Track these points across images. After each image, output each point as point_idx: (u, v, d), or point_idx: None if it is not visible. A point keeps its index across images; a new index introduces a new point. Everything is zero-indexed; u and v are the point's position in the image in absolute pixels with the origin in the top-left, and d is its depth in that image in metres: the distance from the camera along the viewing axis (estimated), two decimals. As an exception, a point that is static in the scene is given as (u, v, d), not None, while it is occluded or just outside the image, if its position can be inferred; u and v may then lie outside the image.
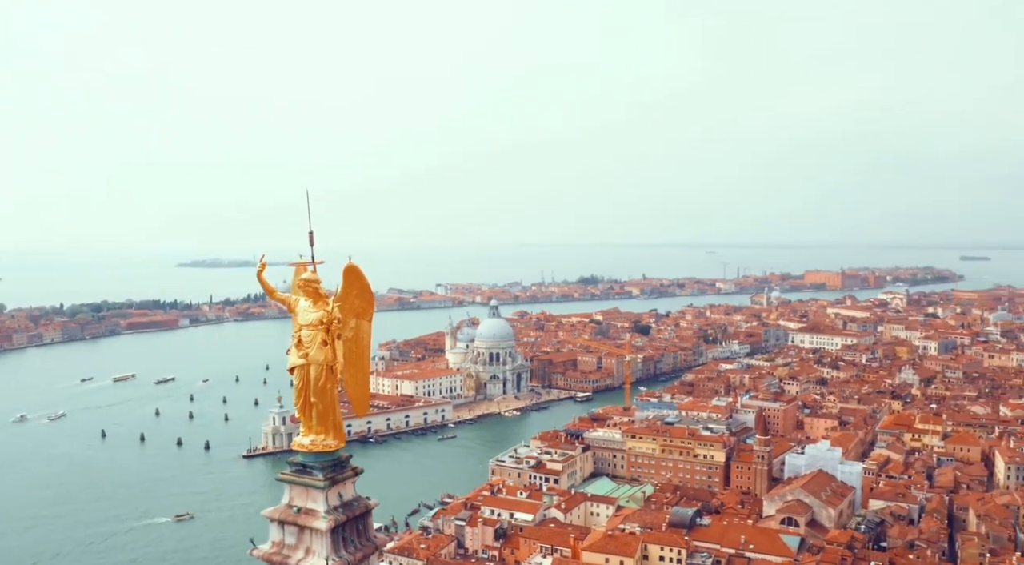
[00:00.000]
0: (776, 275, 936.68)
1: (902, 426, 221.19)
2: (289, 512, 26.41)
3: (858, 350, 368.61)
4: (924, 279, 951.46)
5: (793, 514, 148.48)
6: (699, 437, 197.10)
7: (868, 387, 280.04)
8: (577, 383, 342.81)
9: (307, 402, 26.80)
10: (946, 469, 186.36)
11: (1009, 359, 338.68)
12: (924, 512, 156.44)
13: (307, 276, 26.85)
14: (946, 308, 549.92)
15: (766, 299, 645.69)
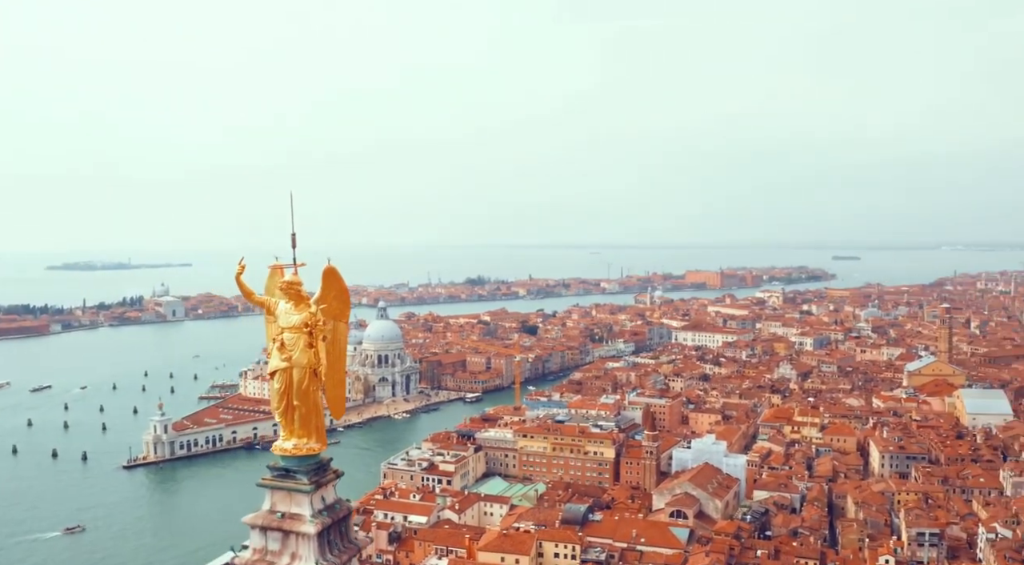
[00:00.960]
0: (658, 275, 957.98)
1: (782, 419, 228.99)
2: (273, 518, 26.02)
3: (738, 347, 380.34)
4: (799, 278, 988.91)
5: (682, 507, 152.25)
6: (589, 435, 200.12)
7: (749, 382, 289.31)
8: (467, 384, 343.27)
9: (289, 405, 26.51)
10: (824, 459, 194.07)
11: (880, 353, 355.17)
12: (805, 501, 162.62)
13: (290, 278, 26.58)
14: (820, 305, 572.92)
15: (649, 298, 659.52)
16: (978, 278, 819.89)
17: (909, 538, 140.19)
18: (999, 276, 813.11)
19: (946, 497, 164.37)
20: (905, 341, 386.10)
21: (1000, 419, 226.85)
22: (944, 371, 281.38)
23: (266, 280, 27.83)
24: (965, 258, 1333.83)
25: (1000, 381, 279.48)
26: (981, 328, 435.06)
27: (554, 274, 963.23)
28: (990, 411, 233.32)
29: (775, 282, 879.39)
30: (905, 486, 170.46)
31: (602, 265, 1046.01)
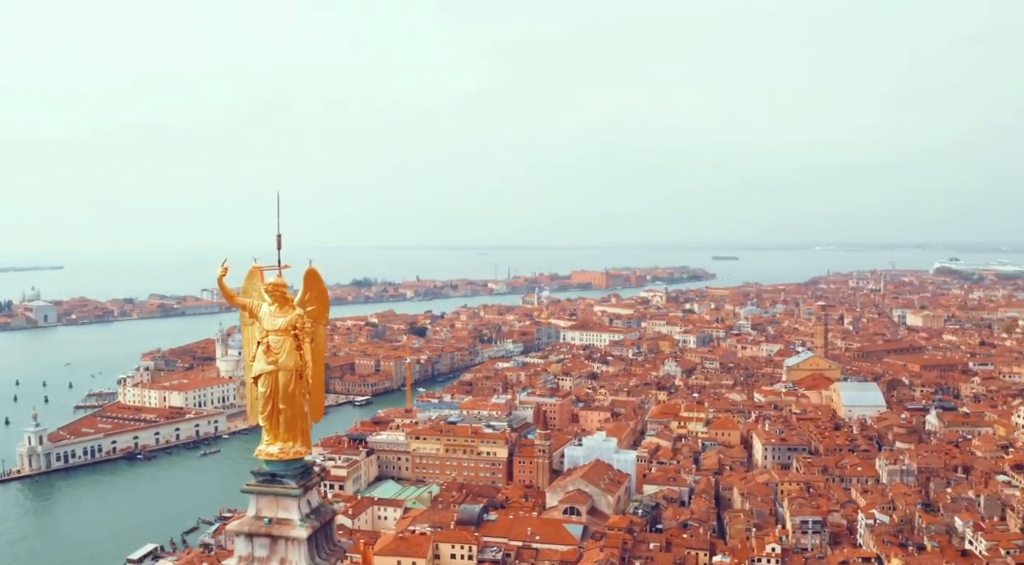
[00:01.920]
0: (545, 276, 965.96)
1: (669, 415, 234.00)
2: (259, 524, 25.32)
3: (625, 345, 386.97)
4: (681, 278, 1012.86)
5: (575, 503, 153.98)
6: (482, 435, 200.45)
7: (636, 380, 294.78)
8: (356, 387, 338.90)
9: (275, 409, 25.99)
10: (710, 453, 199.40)
11: (759, 350, 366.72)
12: (694, 494, 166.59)
13: (275, 280, 26.12)
14: (702, 304, 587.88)
15: (537, 299, 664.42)
16: (849, 277, 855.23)
17: (793, 526, 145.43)
18: (869, 275, 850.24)
19: (826, 486, 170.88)
20: (783, 337, 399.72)
21: (874, 411, 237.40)
22: (821, 366, 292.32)
23: (243, 282, 27.20)
24: (837, 258, 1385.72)
25: (873, 374, 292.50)
26: (854, 324, 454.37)
27: (442, 275, 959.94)
28: (864, 403, 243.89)
29: (658, 282, 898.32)
30: (787, 476, 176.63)
31: (489, 266, 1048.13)
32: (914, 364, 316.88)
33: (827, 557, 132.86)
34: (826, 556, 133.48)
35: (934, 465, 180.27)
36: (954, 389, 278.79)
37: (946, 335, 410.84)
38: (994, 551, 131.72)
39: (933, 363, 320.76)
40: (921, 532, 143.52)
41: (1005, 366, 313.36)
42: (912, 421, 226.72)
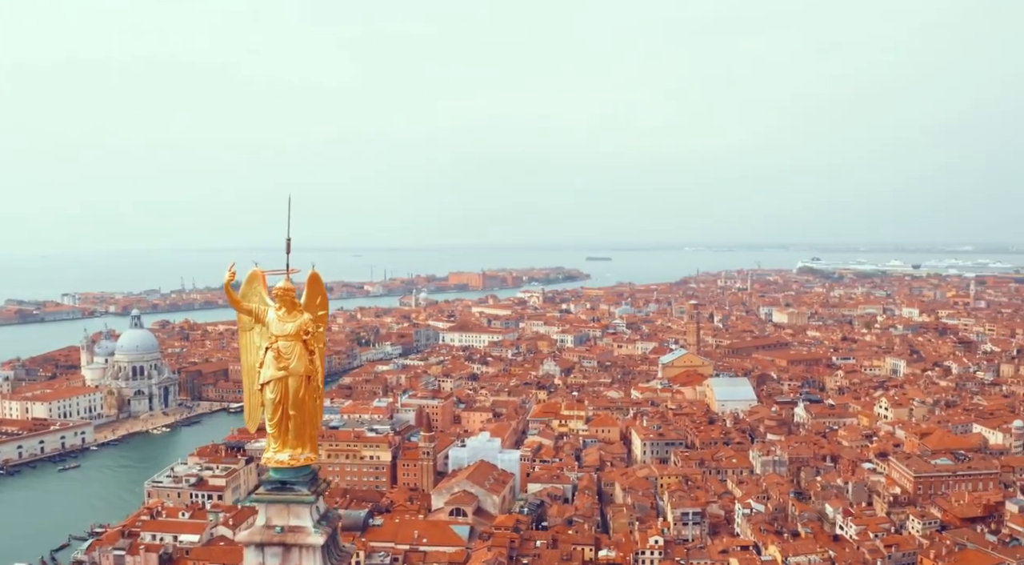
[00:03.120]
0: (422, 277, 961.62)
1: (550, 414, 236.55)
2: (271, 533, 24.78)
3: (504, 346, 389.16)
4: (556, 278, 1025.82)
5: (461, 505, 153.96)
6: (364, 439, 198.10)
7: (516, 380, 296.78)
8: (230, 393, 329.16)
9: (285, 415, 25.45)
10: (592, 450, 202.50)
11: (635, 348, 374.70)
12: (577, 490, 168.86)
13: (285, 285, 25.70)
14: (577, 304, 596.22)
15: (414, 300, 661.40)
16: (718, 276, 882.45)
17: (674, 518, 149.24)
18: (736, 274, 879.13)
19: (704, 478, 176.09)
20: (657, 336, 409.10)
21: (746, 404, 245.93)
22: (694, 362, 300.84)
23: (243, 287, 26.70)
24: (706, 258, 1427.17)
25: (743, 370, 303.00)
26: (723, 322, 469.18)
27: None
28: (736, 398, 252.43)
29: (534, 282, 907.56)
30: (666, 470, 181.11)
31: (365, 267, 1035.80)
32: (781, 359, 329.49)
33: (707, 547, 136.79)
34: (706, 546, 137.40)
35: (804, 455, 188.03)
36: (819, 382, 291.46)
37: (810, 331, 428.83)
38: (863, 535, 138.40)
39: (799, 358, 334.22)
40: (794, 519, 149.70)
41: (866, 360, 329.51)
42: (782, 414, 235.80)
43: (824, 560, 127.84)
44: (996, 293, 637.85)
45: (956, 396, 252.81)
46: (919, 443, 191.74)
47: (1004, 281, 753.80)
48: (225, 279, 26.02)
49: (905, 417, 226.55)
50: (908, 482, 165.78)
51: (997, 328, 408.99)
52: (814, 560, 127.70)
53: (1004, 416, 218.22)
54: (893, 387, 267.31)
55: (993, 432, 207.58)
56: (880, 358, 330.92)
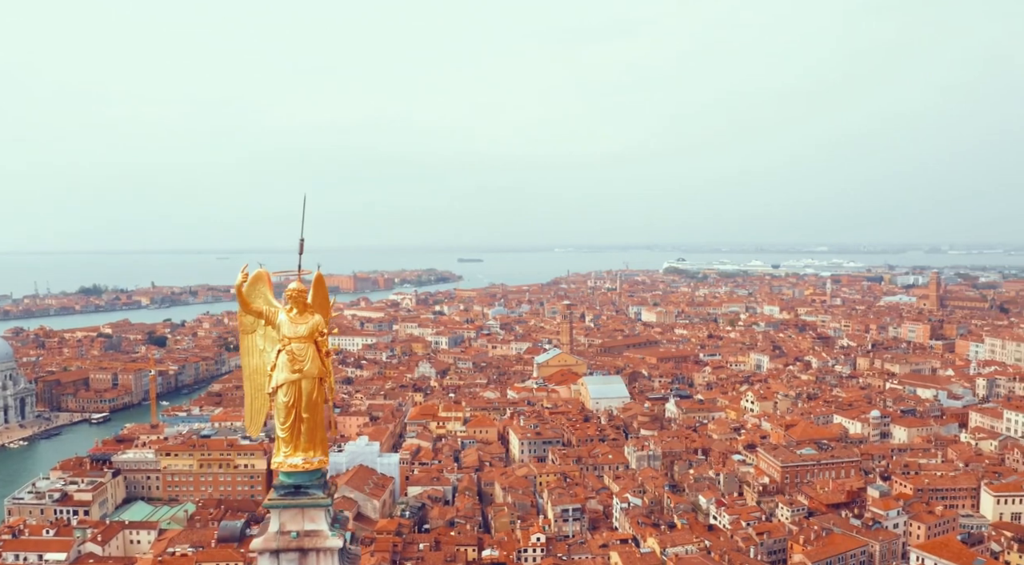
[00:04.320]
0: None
1: (427, 416, 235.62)
2: (287, 539, 24.15)
3: (378, 349, 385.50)
4: (428, 280, 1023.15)
5: (340, 510, 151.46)
6: (238, 447, 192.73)
7: (391, 383, 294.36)
8: (92, 403, 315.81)
9: (298, 418, 24.92)
10: (470, 450, 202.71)
11: (509, 348, 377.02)
12: (457, 491, 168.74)
13: (299, 286, 25.31)
14: (451, 305, 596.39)
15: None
16: (588, 277, 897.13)
17: (555, 515, 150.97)
18: (606, 275, 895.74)
19: (581, 475, 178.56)
20: (531, 336, 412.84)
21: (619, 402, 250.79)
22: (568, 361, 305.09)
23: (247, 287, 26.15)
24: (576, 259, 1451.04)
25: (615, 368, 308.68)
26: (595, 321, 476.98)
27: (179, 281, 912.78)
28: (610, 395, 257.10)
29: (407, 284, 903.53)
30: (545, 468, 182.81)
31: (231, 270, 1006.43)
32: (651, 357, 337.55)
33: (588, 542, 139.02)
34: (587, 541, 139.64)
35: (676, 449, 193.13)
36: (688, 378, 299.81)
37: (678, 329, 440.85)
38: (736, 524, 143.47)
39: (668, 355, 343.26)
40: (670, 511, 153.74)
41: (731, 356, 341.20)
42: (654, 410, 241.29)
43: (700, 550, 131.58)
44: (850, 291, 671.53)
45: (817, 389, 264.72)
46: (784, 434, 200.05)
47: (857, 279, 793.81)
48: (237, 281, 25.72)
49: (770, 410, 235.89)
50: (776, 472, 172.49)
51: (852, 324, 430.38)
52: (691, 550, 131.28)
53: (862, 407, 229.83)
54: (758, 381, 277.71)
55: (852, 422, 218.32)
56: (744, 354, 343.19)
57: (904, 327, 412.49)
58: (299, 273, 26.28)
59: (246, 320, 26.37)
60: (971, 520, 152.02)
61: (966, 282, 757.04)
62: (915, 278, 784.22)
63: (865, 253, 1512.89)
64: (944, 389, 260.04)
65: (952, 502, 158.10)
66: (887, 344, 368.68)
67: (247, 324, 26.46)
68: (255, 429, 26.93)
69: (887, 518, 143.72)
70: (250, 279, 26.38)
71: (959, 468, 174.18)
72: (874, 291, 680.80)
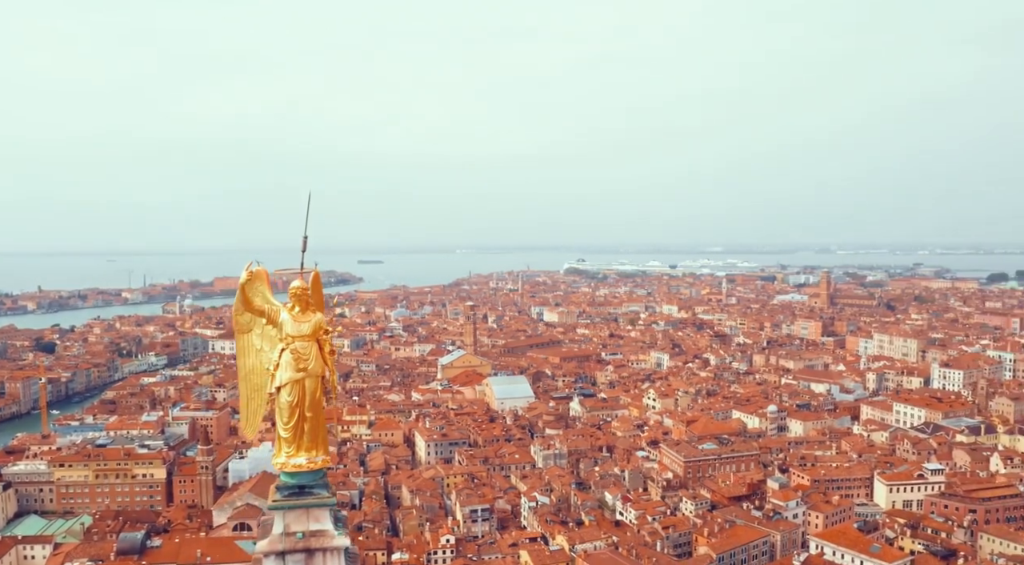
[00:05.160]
0: (185, 283, 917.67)
1: (331, 420, 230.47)
2: (293, 540, 23.69)
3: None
4: (328, 281, 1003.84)
5: (245, 519, 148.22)
6: (136, 456, 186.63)
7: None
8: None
9: (302, 417, 24.54)
10: (376, 454, 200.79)
11: (413, 350, 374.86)
12: (364, 495, 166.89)
13: (303, 284, 25.10)
14: (352, 308, 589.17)
15: (179, 307, 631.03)
16: (490, 278, 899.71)
17: (463, 516, 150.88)
18: (507, 275, 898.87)
19: (489, 475, 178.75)
20: (434, 337, 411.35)
21: (524, 401, 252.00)
22: (472, 362, 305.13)
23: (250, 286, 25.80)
24: (477, 260, 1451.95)
25: (519, 368, 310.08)
26: (498, 322, 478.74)
27: (67, 285, 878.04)
28: (515, 395, 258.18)
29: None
30: (452, 470, 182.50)
31: (121, 273, 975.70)
32: (554, 357, 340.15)
33: (497, 542, 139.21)
34: (496, 541, 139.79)
35: (582, 447, 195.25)
36: (591, 377, 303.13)
37: (579, 329, 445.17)
38: (642, 519, 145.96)
39: (571, 355, 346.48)
40: (577, 509, 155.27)
41: (632, 355, 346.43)
42: (558, 409, 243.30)
43: (608, 545, 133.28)
44: (745, 290, 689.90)
45: (715, 385, 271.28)
46: (686, 430, 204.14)
47: (751, 279, 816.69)
48: (243, 279, 25.32)
49: (672, 407, 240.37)
50: (679, 467, 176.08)
51: (747, 322, 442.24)
52: (599, 546, 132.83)
53: (759, 402, 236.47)
54: (659, 379, 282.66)
55: (750, 417, 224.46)
56: (645, 353, 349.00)
57: (797, 324, 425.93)
58: (301, 271, 25.77)
59: (242, 319, 25.85)
60: (866, 508, 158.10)
61: (854, 281, 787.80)
62: (806, 277, 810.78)
63: (758, 253, 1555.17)
64: (836, 384, 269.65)
65: (847, 492, 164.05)
66: (781, 341, 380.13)
67: (243, 323, 25.99)
68: (251, 430, 26.66)
69: (787, 509, 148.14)
70: (250, 276, 25.87)
71: (853, 459, 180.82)
72: (768, 290, 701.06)
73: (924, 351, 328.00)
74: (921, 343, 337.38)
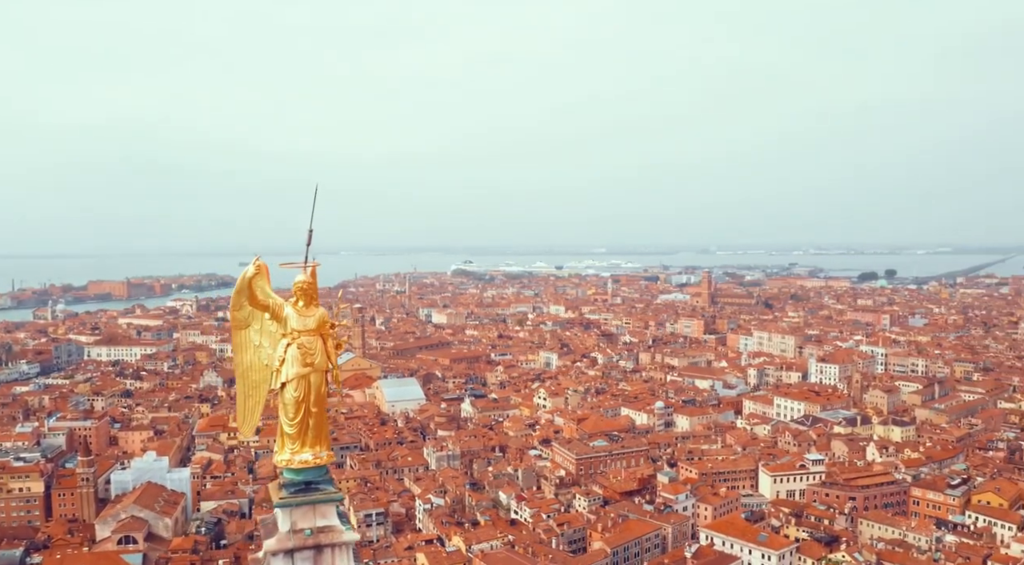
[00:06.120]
0: (57, 287, 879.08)
1: (217, 427, 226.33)
2: (302, 537, 23.25)
3: (159, 359, 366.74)
4: (209, 285, 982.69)
5: (130, 532, 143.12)
6: (11, 469, 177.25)
7: (175, 394, 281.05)
8: None
9: (307, 413, 23.86)
10: (265, 460, 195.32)
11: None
12: (254, 504, 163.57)
13: (307, 278, 24.21)
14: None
15: (51, 313, 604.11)
16: (376, 279, 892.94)
17: (357, 521, 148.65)
18: (394, 277, 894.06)
19: (382, 479, 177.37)
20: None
21: (415, 404, 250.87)
22: (362, 365, 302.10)
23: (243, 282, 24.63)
24: (363, 261, 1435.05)
25: (409, 370, 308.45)
26: (386, 324, 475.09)
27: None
28: (406, 397, 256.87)
29: (185, 290, 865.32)
30: (344, 474, 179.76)
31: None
32: (444, 358, 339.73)
33: (393, 545, 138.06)
34: (392, 544, 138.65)
35: (475, 448, 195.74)
36: (481, 378, 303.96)
37: (468, 330, 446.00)
38: (537, 517, 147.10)
39: (461, 356, 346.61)
40: (472, 509, 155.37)
41: (521, 355, 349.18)
42: (450, 410, 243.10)
43: (504, 545, 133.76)
44: (629, 290, 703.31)
45: (604, 383, 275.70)
46: (577, 428, 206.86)
47: (635, 279, 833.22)
48: (251, 273, 24.20)
49: (562, 405, 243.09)
50: (571, 464, 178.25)
51: (633, 321, 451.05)
52: (495, 546, 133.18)
53: (646, 399, 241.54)
54: (548, 378, 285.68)
55: (639, 413, 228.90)
56: (534, 353, 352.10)
57: (680, 323, 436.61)
58: (305, 265, 25.00)
59: (239, 314, 24.91)
60: (752, 499, 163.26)
61: (734, 280, 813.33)
62: (688, 277, 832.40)
63: (641, 254, 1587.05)
64: (720, 380, 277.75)
65: (734, 483, 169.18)
66: (666, 339, 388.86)
67: (240, 319, 24.99)
68: (249, 429, 25.79)
69: (677, 502, 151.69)
70: (252, 271, 24.94)
71: (738, 452, 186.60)
72: (651, 290, 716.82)
73: (801, 347, 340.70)
74: (798, 339, 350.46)
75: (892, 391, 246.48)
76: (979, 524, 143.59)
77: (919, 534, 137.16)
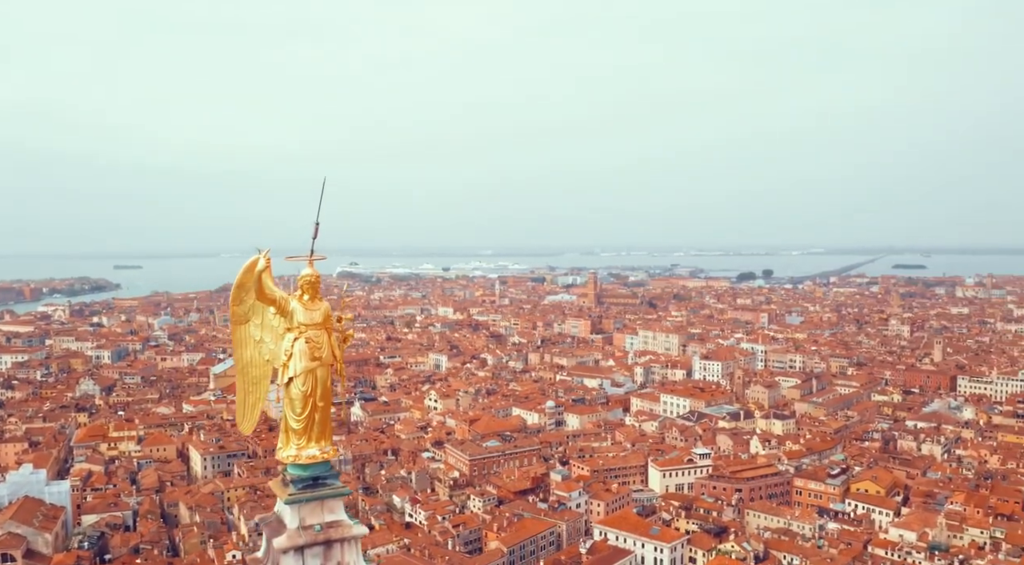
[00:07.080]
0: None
1: (96, 437, 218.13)
2: (312, 533, 22.97)
3: (31, 367, 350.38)
4: (82, 289, 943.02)
5: (7, 549, 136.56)
6: None
7: (50, 403, 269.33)
8: None
9: (314, 407, 23.45)
10: (148, 471, 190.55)
11: (181, 360, 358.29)
12: (139, 516, 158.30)
13: (312, 272, 24.04)
14: (111, 316, 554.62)
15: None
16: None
17: (248, 530, 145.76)
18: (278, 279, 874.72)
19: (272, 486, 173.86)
20: (204, 345, 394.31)
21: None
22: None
23: (242, 276, 24.63)
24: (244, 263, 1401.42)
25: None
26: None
27: None
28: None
29: (57, 294, 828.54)
30: (232, 483, 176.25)
31: None
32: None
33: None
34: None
35: (367, 451, 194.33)
36: (371, 381, 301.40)
37: (357, 333, 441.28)
38: (432, 519, 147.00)
39: (349, 359, 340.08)
40: (366, 513, 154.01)
41: (411, 357, 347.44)
42: (340, 414, 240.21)
43: (400, 548, 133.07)
44: (517, 291, 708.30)
45: (494, 384, 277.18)
46: (469, 429, 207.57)
47: (522, 280, 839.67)
48: (261, 266, 23.71)
49: (453, 407, 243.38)
50: (464, 465, 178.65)
51: (521, 322, 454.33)
52: (391, 549, 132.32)
53: (537, 399, 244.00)
54: (439, 380, 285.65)
55: (530, 413, 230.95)
56: (424, 354, 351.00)
57: (568, 323, 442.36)
58: (311, 258, 24.31)
59: (240, 309, 24.29)
60: (643, 494, 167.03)
61: (618, 281, 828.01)
62: (574, 278, 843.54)
63: (527, 255, 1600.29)
64: (608, 378, 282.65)
65: (625, 479, 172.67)
66: (554, 339, 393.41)
67: (241, 313, 24.49)
68: (249, 426, 25.21)
69: (570, 499, 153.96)
70: (248, 266, 24.25)
71: (627, 449, 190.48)
72: (538, 291, 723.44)
73: (685, 345, 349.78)
74: (682, 338, 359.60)
75: (772, 386, 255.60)
76: (858, 511, 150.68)
77: (803, 522, 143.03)
